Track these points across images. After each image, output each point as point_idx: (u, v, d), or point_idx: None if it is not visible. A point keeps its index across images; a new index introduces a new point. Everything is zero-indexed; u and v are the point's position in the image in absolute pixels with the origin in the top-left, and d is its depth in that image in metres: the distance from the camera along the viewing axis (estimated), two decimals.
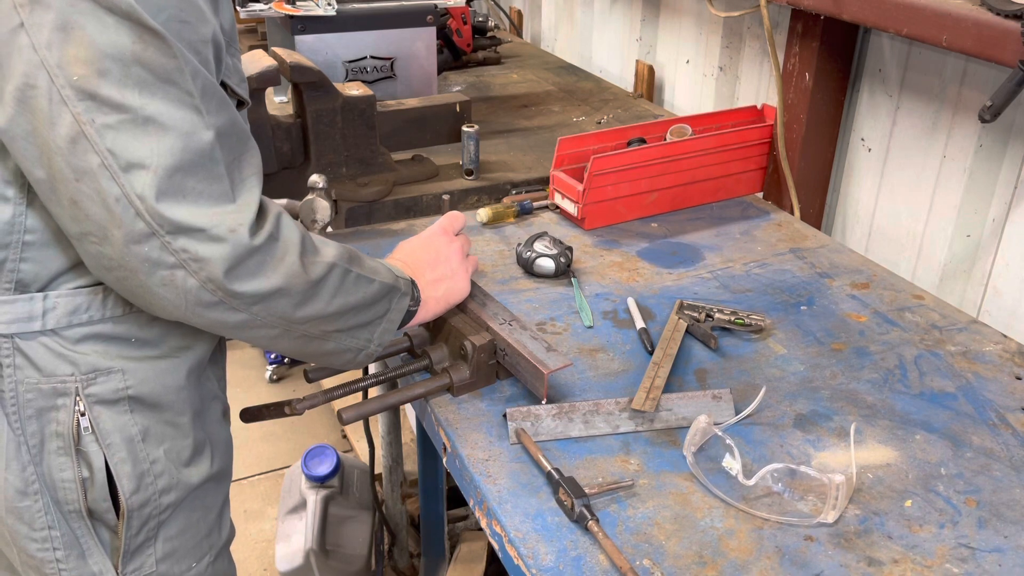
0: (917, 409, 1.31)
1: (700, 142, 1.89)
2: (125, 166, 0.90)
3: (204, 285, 0.96)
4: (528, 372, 1.26)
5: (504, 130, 2.30)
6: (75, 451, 1.06)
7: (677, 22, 2.54)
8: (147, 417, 1.10)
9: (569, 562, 1.03)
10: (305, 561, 2.17)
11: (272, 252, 1.00)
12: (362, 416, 1.26)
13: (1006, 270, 1.68)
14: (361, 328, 1.15)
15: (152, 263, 0.94)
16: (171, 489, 1.14)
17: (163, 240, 0.93)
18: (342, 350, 1.15)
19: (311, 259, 1.05)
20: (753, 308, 1.54)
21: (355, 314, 1.13)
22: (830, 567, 1.04)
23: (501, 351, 1.30)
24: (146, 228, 0.92)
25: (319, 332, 1.10)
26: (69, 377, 1.04)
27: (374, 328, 1.17)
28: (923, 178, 1.82)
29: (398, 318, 1.20)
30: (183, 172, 0.93)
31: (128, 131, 0.90)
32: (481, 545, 2.20)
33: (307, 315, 1.06)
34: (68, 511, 1.08)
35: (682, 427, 1.26)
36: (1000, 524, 1.10)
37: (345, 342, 1.14)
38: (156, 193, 0.91)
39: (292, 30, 2.08)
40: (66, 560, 1.10)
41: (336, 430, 3.13)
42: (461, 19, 2.81)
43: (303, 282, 1.03)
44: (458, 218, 1.40)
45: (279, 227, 1.02)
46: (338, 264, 1.08)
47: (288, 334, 1.07)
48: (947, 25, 1.42)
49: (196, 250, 0.94)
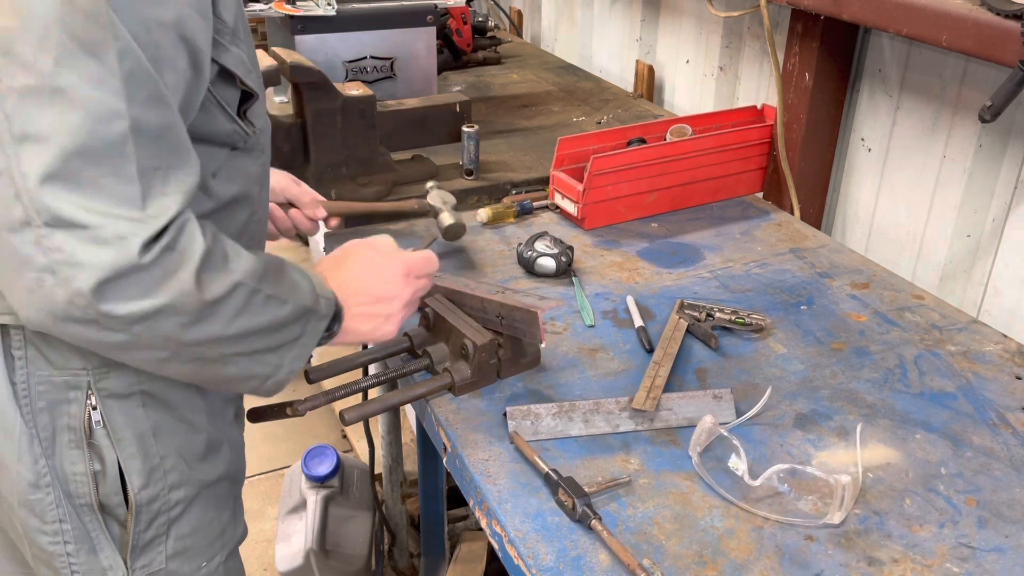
0: (917, 409, 1.31)
1: (700, 142, 1.89)
2: (20, 136, 0.81)
3: (72, 299, 0.84)
4: (524, 322, 1.27)
5: (504, 130, 2.30)
6: (87, 445, 1.06)
7: (677, 22, 2.54)
8: (159, 413, 1.10)
9: (569, 562, 1.03)
10: (305, 561, 2.17)
11: (162, 267, 0.88)
12: (364, 417, 1.26)
13: (1006, 270, 1.68)
14: (269, 352, 1.02)
15: (21, 261, 0.84)
16: (181, 485, 1.13)
17: (38, 233, 0.82)
18: (245, 376, 1.02)
19: (211, 276, 0.92)
20: (753, 308, 1.55)
21: (261, 337, 1.00)
22: (830, 567, 1.04)
23: (498, 317, 1.31)
24: (22, 214, 0.82)
25: (216, 355, 0.97)
26: (81, 371, 1.04)
27: (284, 353, 1.04)
28: (923, 178, 1.82)
29: (312, 343, 1.07)
30: (83, 158, 0.82)
31: (32, 98, 0.81)
32: (481, 545, 2.20)
33: (200, 337, 0.93)
34: (80, 505, 1.08)
35: (683, 427, 1.26)
36: (1000, 524, 1.10)
37: (249, 367, 1.01)
38: (44, 174, 0.81)
39: (292, 30, 2.08)
40: (76, 554, 1.10)
41: (336, 430, 3.13)
42: (461, 19, 2.81)
43: (195, 301, 0.91)
44: (433, 264, 1.26)
45: (178, 237, 0.89)
46: (245, 283, 0.96)
47: (178, 357, 0.95)
48: (947, 25, 1.42)
49: (72, 251, 0.83)
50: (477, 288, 1.38)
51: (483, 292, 1.35)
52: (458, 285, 1.41)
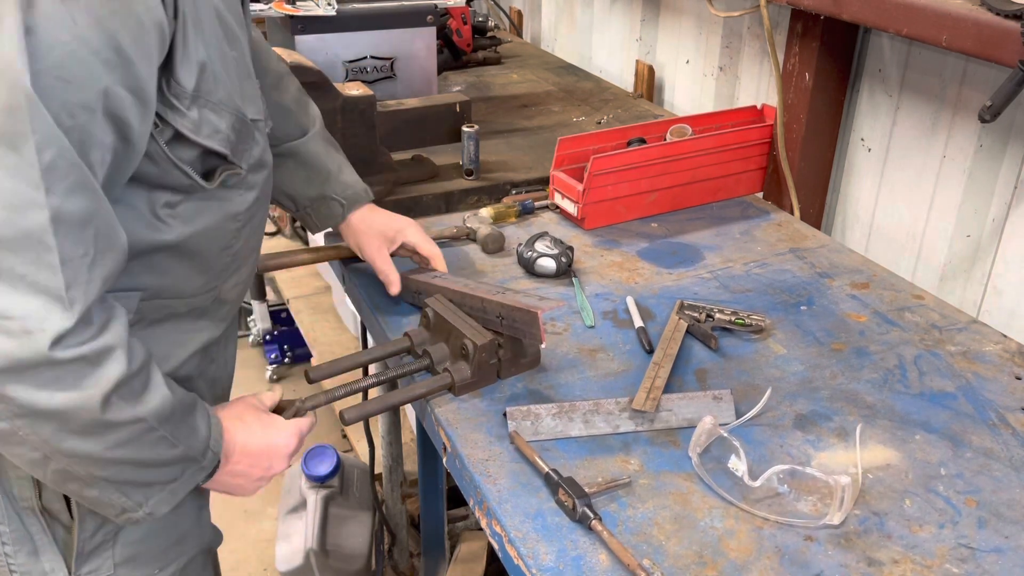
0: (917, 409, 1.31)
1: (700, 142, 1.89)
2: None
3: None
4: (524, 322, 1.27)
5: (504, 130, 2.30)
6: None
7: (677, 22, 2.54)
8: None
9: (569, 562, 1.03)
10: (305, 561, 2.17)
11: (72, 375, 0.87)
12: (364, 416, 1.26)
13: (1006, 270, 1.68)
14: (136, 487, 1.01)
15: None
16: None
17: None
18: (105, 503, 1.00)
19: (120, 403, 0.92)
20: (753, 308, 1.55)
21: (135, 470, 0.99)
22: (830, 567, 1.04)
23: (498, 317, 1.31)
24: None
25: (84, 473, 0.96)
26: None
27: (152, 493, 1.02)
28: (923, 178, 1.82)
29: (183, 490, 1.06)
30: (2, 247, 0.83)
31: None
32: (481, 545, 2.20)
33: (76, 451, 0.92)
34: (22, 507, 1.08)
35: (683, 427, 1.26)
36: (1000, 524, 1.10)
37: (110, 496, 0.99)
38: None
39: (292, 30, 2.08)
40: (16, 555, 1.09)
41: (336, 430, 3.13)
42: (461, 19, 2.81)
43: (90, 420, 0.90)
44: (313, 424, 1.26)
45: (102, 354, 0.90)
46: (146, 420, 0.95)
47: (48, 462, 0.93)
48: (947, 25, 1.42)
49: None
50: (477, 288, 1.38)
51: (483, 292, 1.35)
52: (458, 285, 1.41)
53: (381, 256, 1.52)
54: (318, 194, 1.49)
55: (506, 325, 1.31)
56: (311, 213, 1.51)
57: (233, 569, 2.68)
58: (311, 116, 1.50)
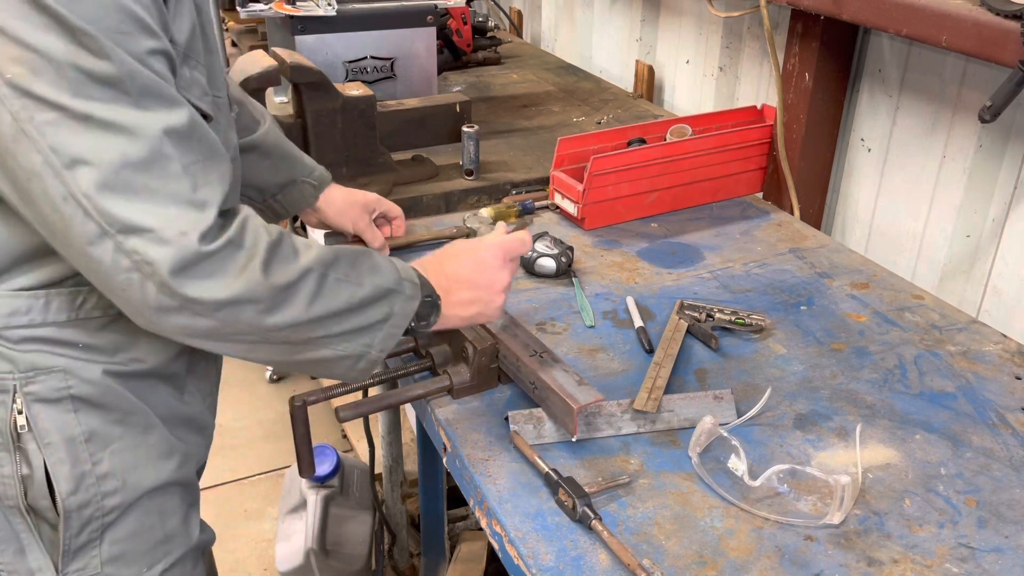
0: (917, 409, 1.31)
1: (700, 142, 1.89)
2: (68, 163, 0.88)
3: (160, 289, 0.92)
4: (557, 407, 1.21)
5: (504, 130, 2.31)
6: (14, 448, 1.05)
7: (677, 22, 2.54)
8: (94, 418, 1.09)
9: (569, 562, 1.03)
10: (305, 561, 2.17)
11: (229, 259, 0.96)
12: (360, 415, 1.26)
13: (1006, 270, 1.68)
14: (357, 333, 1.08)
15: (109, 267, 0.92)
16: (117, 491, 1.12)
17: (116, 241, 0.90)
18: (337, 357, 1.08)
19: (280, 265, 1.00)
20: (753, 308, 1.55)
21: (344, 319, 1.06)
22: (830, 567, 1.04)
23: (531, 384, 1.26)
24: (97, 228, 0.90)
25: (303, 339, 1.03)
26: (7, 375, 1.03)
27: (374, 333, 1.09)
28: (923, 178, 1.82)
29: (403, 323, 1.12)
30: (132, 168, 0.90)
31: (67, 128, 0.88)
32: (481, 545, 2.20)
33: (280, 323, 1.00)
34: (7, 507, 1.08)
35: (684, 428, 1.26)
36: (1000, 524, 1.11)
37: (339, 348, 1.07)
38: (102, 189, 0.89)
39: (292, 30, 2.08)
40: (2, 554, 1.09)
41: (336, 430, 3.13)
42: (461, 19, 2.81)
43: (267, 289, 0.98)
44: (526, 244, 1.30)
45: (243, 232, 0.98)
46: (313, 268, 1.03)
47: (266, 342, 1.02)
48: (947, 25, 1.42)
49: (146, 252, 0.91)
50: (514, 341, 1.30)
51: (519, 349, 1.28)
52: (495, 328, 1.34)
53: (372, 227, 1.64)
54: (287, 179, 1.52)
55: (538, 396, 1.25)
56: (280, 200, 1.53)
57: (233, 569, 2.68)
58: (259, 109, 1.55)
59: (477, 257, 1.25)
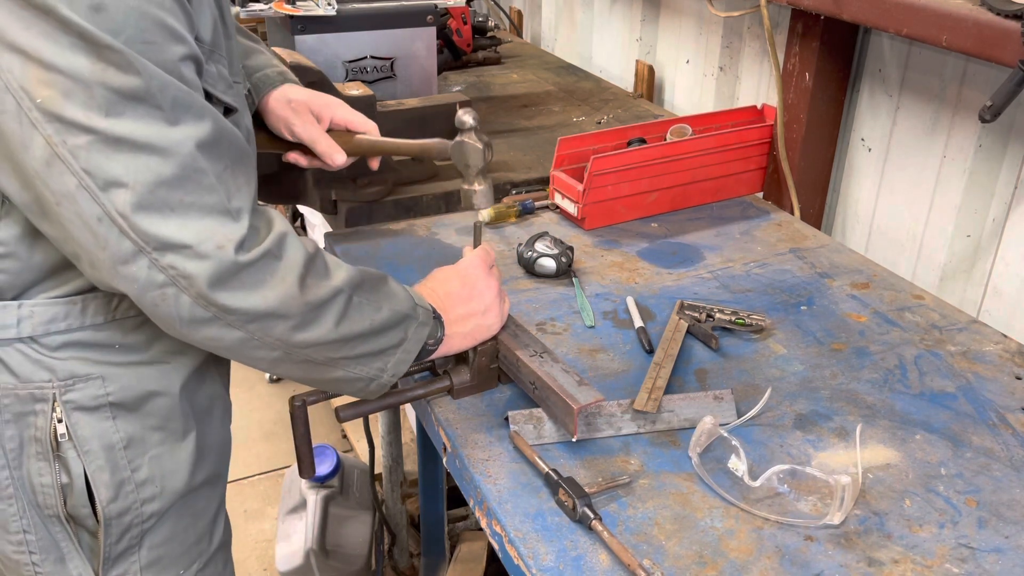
0: (917, 409, 1.31)
1: (700, 142, 1.89)
2: (103, 185, 0.88)
3: (196, 300, 0.94)
4: (557, 407, 1.21)
5: (504, 130, 2.31)
6: (54, 457, 1.06)
7: (677, 22, 2.54)
8: (132, 424, 1.09)
9: (569, 562, 1.03)
10: (305, 561, 2.18)
11: (267, 271, 0.97)
12: (359, 415, 1.26)
13: (1006, 270, 1.68)
14: (373, 357, 1.10)
15: (142, 284, 0.92)
16: (155, 498, 1.13)
17: (151, 258, 0.91)
18: (351, 378, 1.10)
19: (315, 282, 1.01)
20: (753, 308, 1.55)
21: (364, 342, 1.08)
22: (830, 567, 1.04)
23: (531, 384, 1.26)
24: (132, 246, 0.90)
25: (323, 358, 1.06)
26: (46, 383, 1.04)
27: (388, 357, 1.12)
28: (923, 178, 1.82)
29: (415, 348, 1.14)
30: (167, 186, 0.90)
31: (100, 150, 0.88)
32: (481, 545, 2.20)
33: (307, 340, 1.02)
34: (48, 515, 1.08)
35: (684, 428, 1.26)
36: (1000, 524, 1.10)
37: (354, 370, 1.09)
38: (138, 210, 0.89)
39: (292, 30, 2.08)
40: (43, 563, 1.09)
41: (336, 430, 3.13)
42: (461, 19, 2.81)
43: (300, 305, 1.00)
44: (491, 252, 1.33)
45: (282, 246, 0.99)
46: (343, 289, 1.04)
47: (289, 358, 1.03)
48: (947, 25, 1.42)
49: (184, 267, 0.92)
50: (514, 341, 1.30)
51: (520, 349, 1.28)
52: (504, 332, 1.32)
53: (318, 130, 1.48)
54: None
55: (538, 396, 1.25)
56: None
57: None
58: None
59: (462, 272, 1.27)
